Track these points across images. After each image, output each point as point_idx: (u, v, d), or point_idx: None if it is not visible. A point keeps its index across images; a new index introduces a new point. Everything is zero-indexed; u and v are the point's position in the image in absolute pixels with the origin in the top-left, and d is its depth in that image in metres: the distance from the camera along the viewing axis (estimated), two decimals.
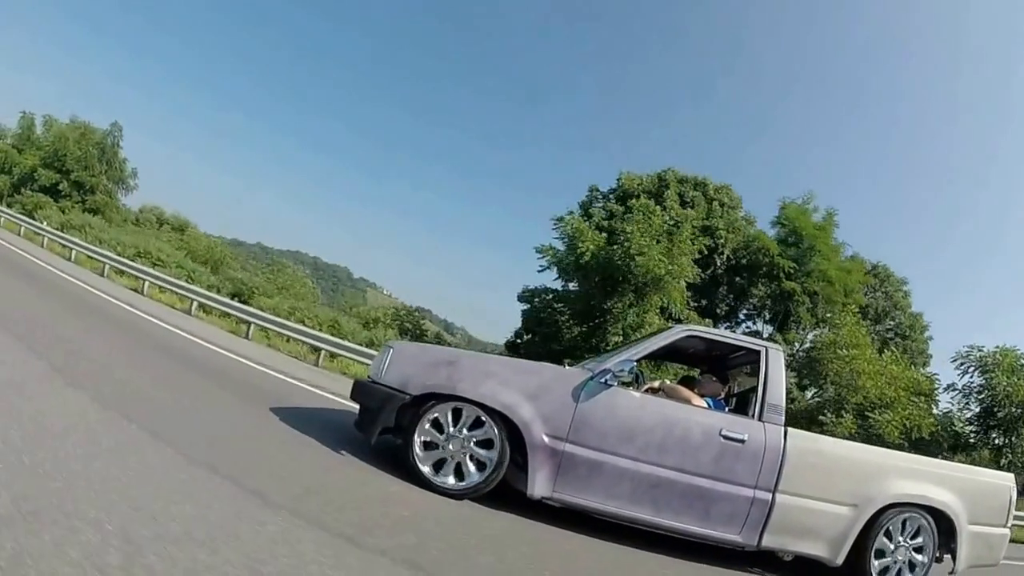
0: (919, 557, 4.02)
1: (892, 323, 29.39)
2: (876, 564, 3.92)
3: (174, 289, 14.07)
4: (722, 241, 25.15)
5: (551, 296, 24.09)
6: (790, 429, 3.89)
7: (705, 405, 4.08)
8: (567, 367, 4.25)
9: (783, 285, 24.02)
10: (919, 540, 4.01)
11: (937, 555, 4.10)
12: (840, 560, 3.85)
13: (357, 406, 4.28)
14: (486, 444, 3.72)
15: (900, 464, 4.17)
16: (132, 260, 17.57)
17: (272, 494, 2.81)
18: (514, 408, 3.69)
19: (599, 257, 19.63)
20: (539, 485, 3.66)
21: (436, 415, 3.76)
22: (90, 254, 16.45)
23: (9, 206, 26.94)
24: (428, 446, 3.76)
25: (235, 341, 10.97)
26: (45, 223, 20.44)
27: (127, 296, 12.31)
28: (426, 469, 3.72)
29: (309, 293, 32.85)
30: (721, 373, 4.71)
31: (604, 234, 21.11)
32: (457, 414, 3.75)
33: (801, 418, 17.86)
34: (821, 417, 17.63)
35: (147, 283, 14.27)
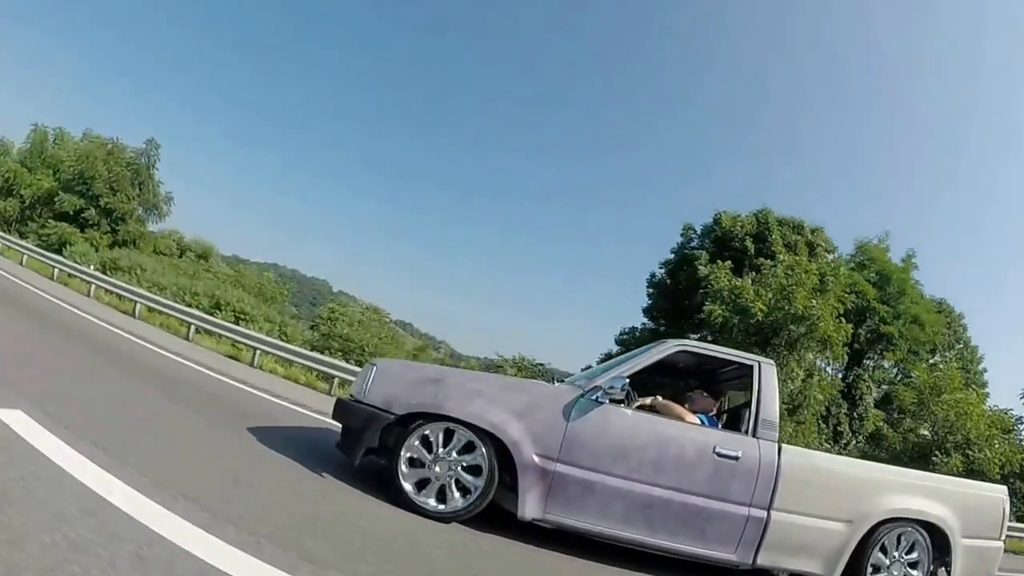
0: (914, 572, 3.98)
1: (951, 354, 29.77)
2: None
3: (302, 361, 11.90)
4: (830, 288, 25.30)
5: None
6: (784, 445, 3.83)
7: (698, 422, 4.00)
8: (556, 384, 4.15)
9: (881, 329, 24.31)
10: (914, 554, 3.98)
11: (932, 569, 4.07)
12: None
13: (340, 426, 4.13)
14: (474, 465, 3.59)
15: (894, 479, 4.15)
16: (213, 315, 15.26)
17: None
18: (503, 427, 3.57)
19: (767, 315, 19.27)
20: (530, 506, 3.54)
21: (422, 435, 3.62)
22: (168, 311, 13.57)
23: (22, 236, 22.81)
24: (414, 468, 3.62)
25: None
26: (92, 267, 17.02)
27: (233, 370, 9.75)
28: (412, 492, 3.57)
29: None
30: (712, 388, 4.63)
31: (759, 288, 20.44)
32: (444, 434, 3.62)
33: (908, 457, 18.96)
34: (934, 457, 18.69)
35: (258, 352, 11.96)
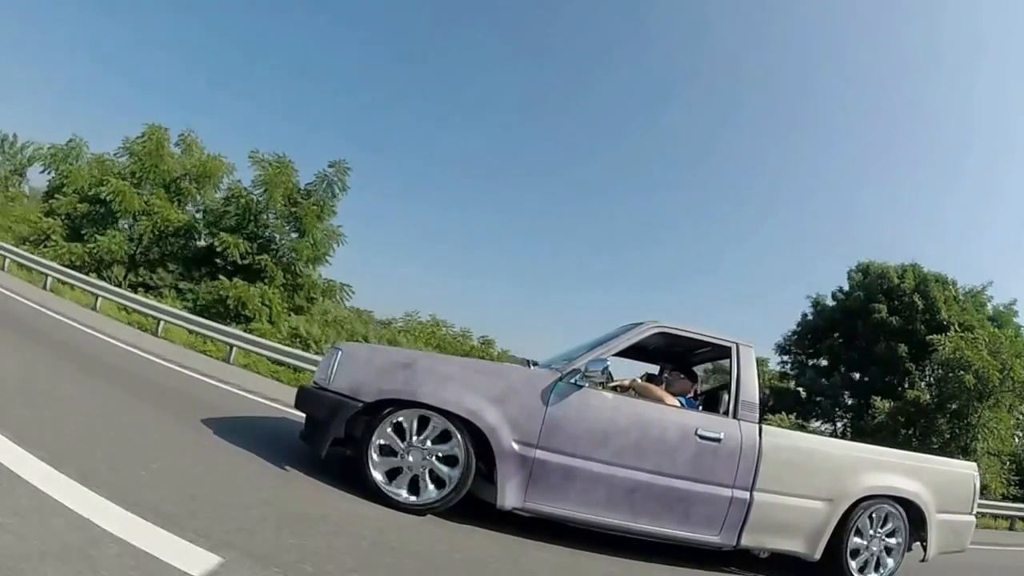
0: (892, 546, 4.03)
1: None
2: (851, 556, 3.88)
3: None
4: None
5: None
6: (764, 426, 3.78)
7: (678, 404, 3.91)
8: (532, 368, 4.00)
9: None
10: (891, 530, 4.02)
11: (908, 543, 4.12)
12: (818, 555, 3.79)
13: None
14: (449, 454, 3.41)
15: (871, 457, 4.17)
16: None
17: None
18: (479, 413, 3.39)
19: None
20: (509, 496, 3.38)
21: (393, 424, 3.42)
22: None
23: (152, 292, 15.37)
24: (385, 458, 3.42)
25: None
26: None
27: None
28: (384, 484, 3.37)
29: None
30: (688, 370, 4.56)
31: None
32: (417, 422, 3.43)
33: None
34: None
35: None
